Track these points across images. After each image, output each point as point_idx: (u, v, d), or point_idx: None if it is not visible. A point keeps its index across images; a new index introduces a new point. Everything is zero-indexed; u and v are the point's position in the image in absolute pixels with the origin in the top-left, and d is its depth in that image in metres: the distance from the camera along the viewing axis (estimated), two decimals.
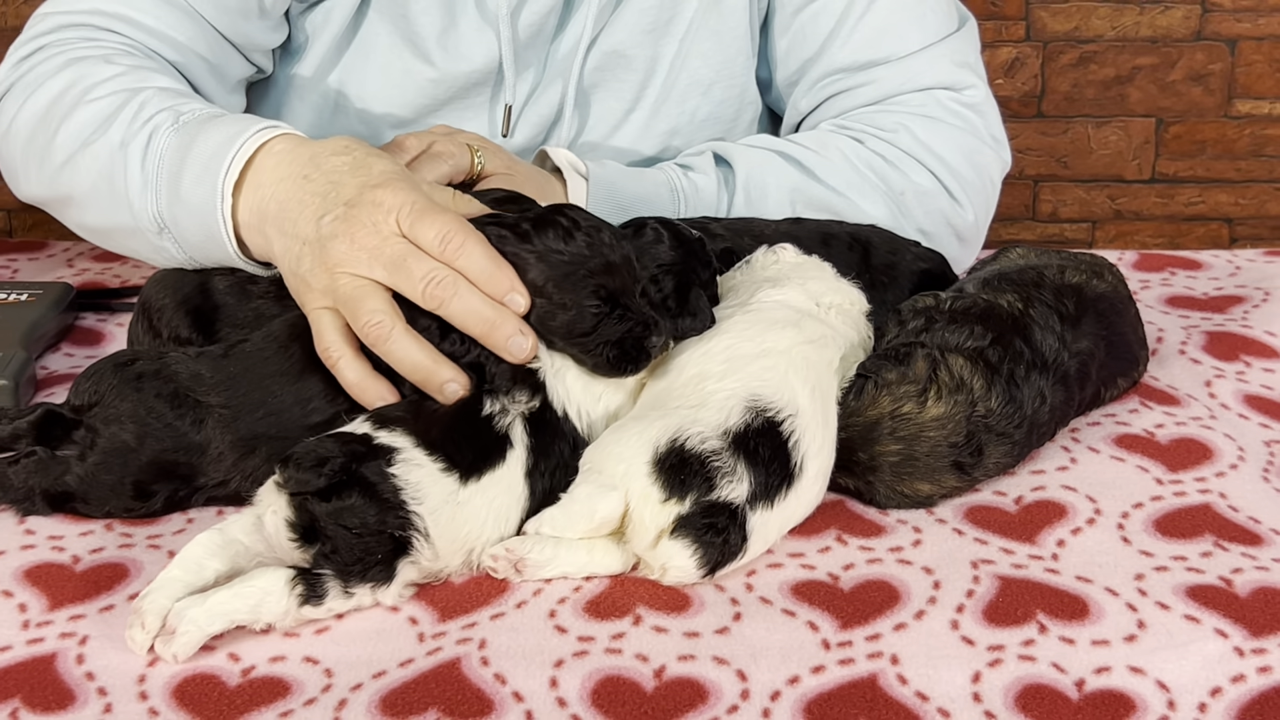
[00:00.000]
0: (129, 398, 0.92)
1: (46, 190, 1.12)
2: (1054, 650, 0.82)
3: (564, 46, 1.25)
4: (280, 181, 0.98)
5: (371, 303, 0.91)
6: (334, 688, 0.79)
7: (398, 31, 1.22)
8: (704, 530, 0.85)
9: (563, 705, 0.78)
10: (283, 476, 0.83)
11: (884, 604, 0.86)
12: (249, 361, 0.94)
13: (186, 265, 1.06)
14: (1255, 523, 0.94)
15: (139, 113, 1.06)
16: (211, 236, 1.02)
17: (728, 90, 1.28)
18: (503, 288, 0.91)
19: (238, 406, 0.92)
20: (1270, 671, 0.81)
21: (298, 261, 0.95)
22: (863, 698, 0.79)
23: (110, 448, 0.91)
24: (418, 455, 0.85)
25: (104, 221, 1.09)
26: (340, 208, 0.94)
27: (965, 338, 0.96)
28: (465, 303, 0.91)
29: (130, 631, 0.81)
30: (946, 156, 1.23)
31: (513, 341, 0.91)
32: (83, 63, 1.11)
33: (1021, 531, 0.93)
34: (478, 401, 0.89)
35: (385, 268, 0.92)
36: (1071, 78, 2.14)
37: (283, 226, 0.97)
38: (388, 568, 0.84)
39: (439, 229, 0.92)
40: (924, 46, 1.24)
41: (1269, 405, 1.08)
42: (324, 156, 0.98)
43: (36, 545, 0.91)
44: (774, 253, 1.03)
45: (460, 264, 0.91)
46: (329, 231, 0.93)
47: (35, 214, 2.16)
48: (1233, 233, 2.23)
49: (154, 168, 1.04)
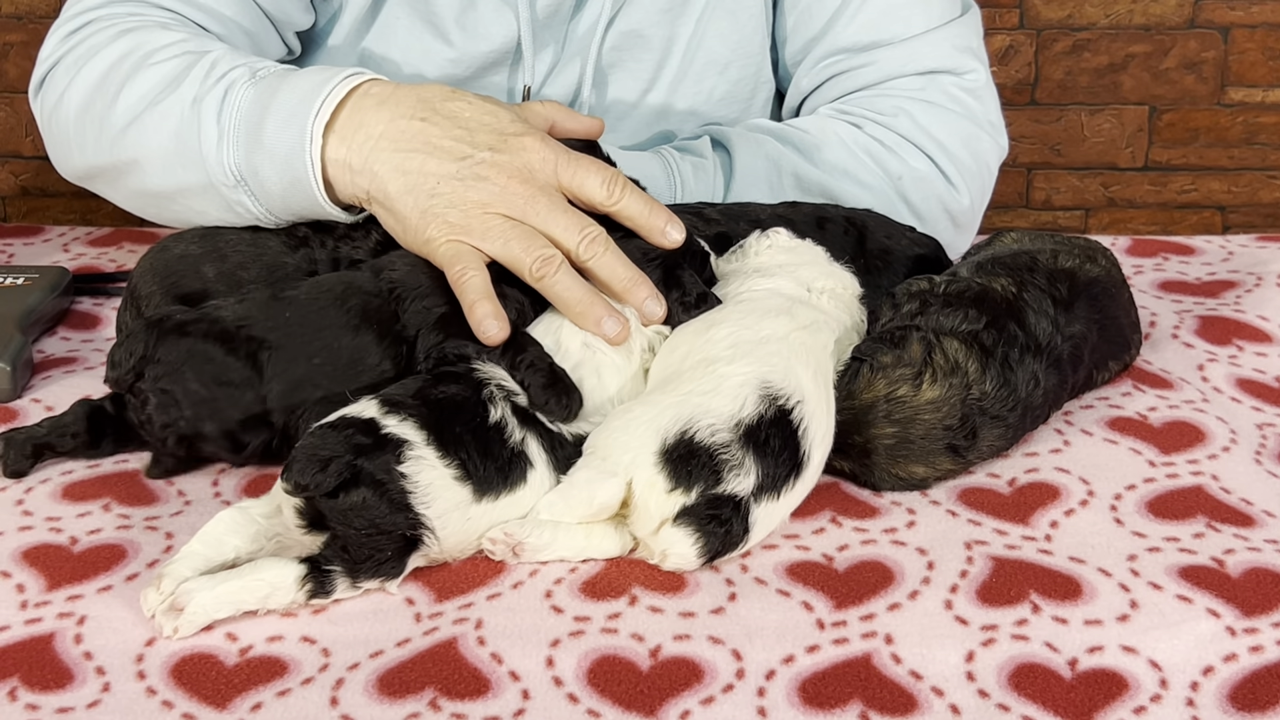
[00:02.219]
0: (176, 345, 0.92)
1: (106, 157, 1.12)
2: (1047, 630, 0.83)
3: (582, 26, 1.25)
4: (393, 120, 1.01)
5: (538, 240, 0.96)
6: (331, 667, 0.79)
7: (417, 13, 1.24)
8: (707, 520, 0.85)
9: (559, 684, 0.78)
10: (287, 481, 0.83)
11: (878, 584, 0.86)
12: (304, 310, 0.94)
13: (261, 220, 1.06)
14: (1247, 504, 0.94)
15: (211, 70, 1.07)
16: (296, 181, 1.02)
17: (744, 69, 1.29)
18: (660, 222, 0.99)
19: (293, 349, 0.92)
20: (1262, 651, 0.81)
21: (429, 197, 0.97)
22: (857, 677, 0.79)
23: (188, 399, 0.91)
24: (429, 454, 0.84)
25: (170, 183, 1.08)
26: (485, 152, 0.99)
27: (960, 321, 0.97)
28: (613, 257, 0.97)
29: (146, 591, 0.82)
30: (944, 141, 1.23)
31: (648, 304, 0.96)
32: (138, 31, 1.13)
33: (1015, 513, 0.93)
34: (483, 407, 0.88)
35: (540, 217, 0.97)
36: (1065, 65, 2.14)
37: (403, 164, 0.99)
38: (398, 563, 0.84)
39: (602, 174, 0.99)
40: (927, 30, 1.25)
41: (1261, 389, 1.09)
42: (437, 101, 1.02)
43: (34, 526, 0.91)
44: (767, 237, 1.03)
45: (623, 204, 0.98)
46: (475, 173, 0.97)
47: (31, 199, 2.17)
48: (1225, 220, 2.23)
49: (231, 120, 1.04)
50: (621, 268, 0.97)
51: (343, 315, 0.94)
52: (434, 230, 0.97)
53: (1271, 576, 0.87)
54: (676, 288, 0.98)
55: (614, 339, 0.95)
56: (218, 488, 0.95)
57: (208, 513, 0.91)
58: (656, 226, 0.99)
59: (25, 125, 2.11)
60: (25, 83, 2.07)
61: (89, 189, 1.18)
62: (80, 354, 1.13)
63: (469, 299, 0.94)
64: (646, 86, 1.28)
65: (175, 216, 1.11)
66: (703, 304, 0.98)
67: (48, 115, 1.17)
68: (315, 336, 0.93)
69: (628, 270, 0.97)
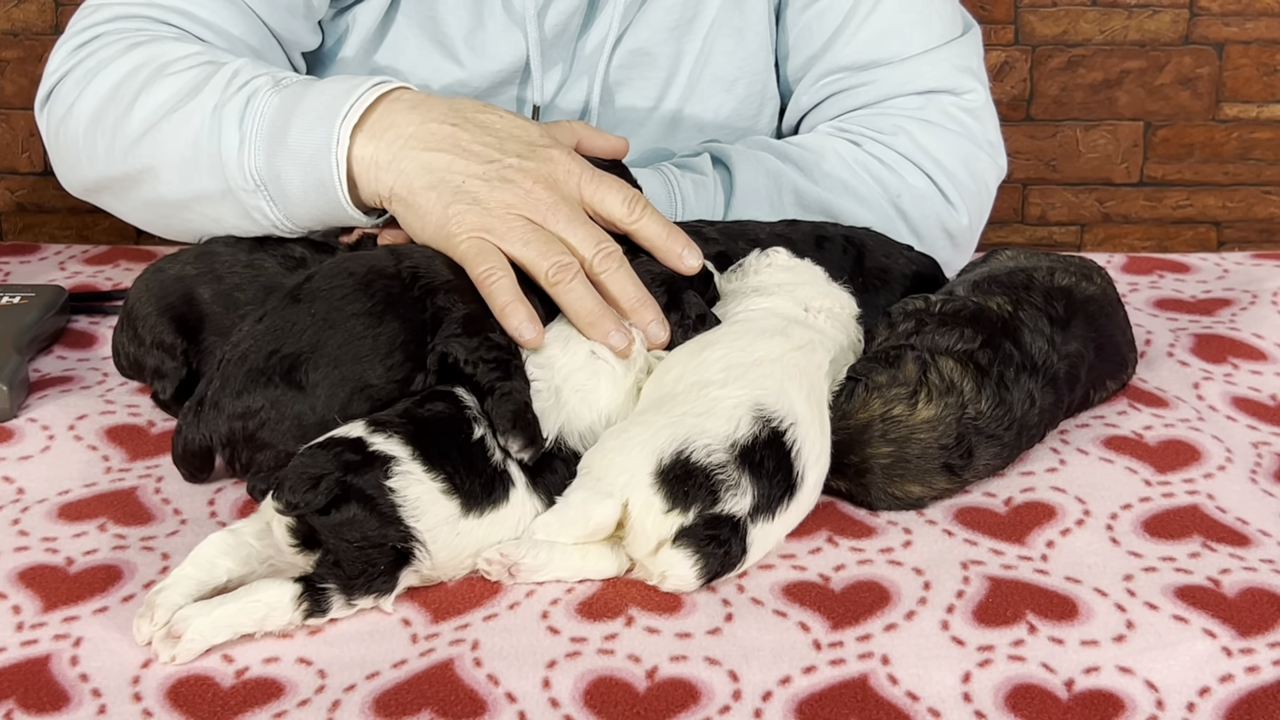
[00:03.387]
0: (245, 387, 0.92)
1: (118, 167, 1.12)
2: (1043, 650, 0.83)
3: (589, 45, 1.26)
4: (424, 123, 1.02)
5: (557, 245, 0.97)
6: (327, 689, 0.79)
7: (425, 33, 1.24)
8: (706, 541, 0.85)
9: (555, 706, 0.78)
10: (279, 502, 0.83)
11: (875, 604, 0.86)
12: (326, 303, 0.94)
13: (277, 226, 1.07)
14: (1243, 524, 0.94)
15: (233, 79, 1.07)
16: (320, 183, 1.03)
17: (750, 86, 1.29)
18: (678, 246, 1.00)
19: (328, 353, 0.92)
20: (1258, 671, 0.81)
21: (454, 193, 0.98)
22: (854, 698, 0.79)
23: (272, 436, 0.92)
24: (415, 469, 0.85)
25: (185, 190, 1.09)
26: (513, 158, 1.00)
27: (955, 340, 0.97)
28: (625, 275, 0.98)
29: (138, 621, 0.81)
30: (943, 160, 1.23)
31: (652, 327, 0.97)
32: (152, 44, 1.13)
33: (1011, 532, 0.93)
34: (468, 425, 0.88)
35: (562, 224, 0.98)
36: (1060, 81, 2.15)
37: (431, 163, 1.00)
38: (390, 578, 0.84)
39: (624, 192, 1.00)
40: (927, 49, 1.25)
41: (1256, 407, 1.09)
42: (469, 110, 1.03)
43: (30, 547, 0.91)
44: (766, 256, 1.04)
45: (642, 224, 1.00)
46: (502, 175, 0.99)
47: (27, 216, 2.17)
48: (1220, 236, 2.23)
49: (254, 125, 1.05)
50: (632, 287, 0.98)
51: (367, 302, 0.94)
52: (456, 226, 0.98)
53: (1267, 596, 0.87)
54: (676, 309, 0.98)
55: (620, 352, 0.95)
56: (214, 507, 0.95)
57: (203, 532, 0.91)
58: (674, 250, 1.00)
59: (21, 141, 2.10)
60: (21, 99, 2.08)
61: (93, 203, 1.18)
62: (77, 373, 1.13)
63: (500, 301, 0.95)
64: (654, 104, 1.28)
65: (187, 226, 1.12)
66: (701, 325, 0.98)
67: (55, 128, 1.17)
68: (345, 333, 0.93)
69: (638, 291, 0.98)
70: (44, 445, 1.02)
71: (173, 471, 0.98)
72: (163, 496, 0.96)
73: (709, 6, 1.27)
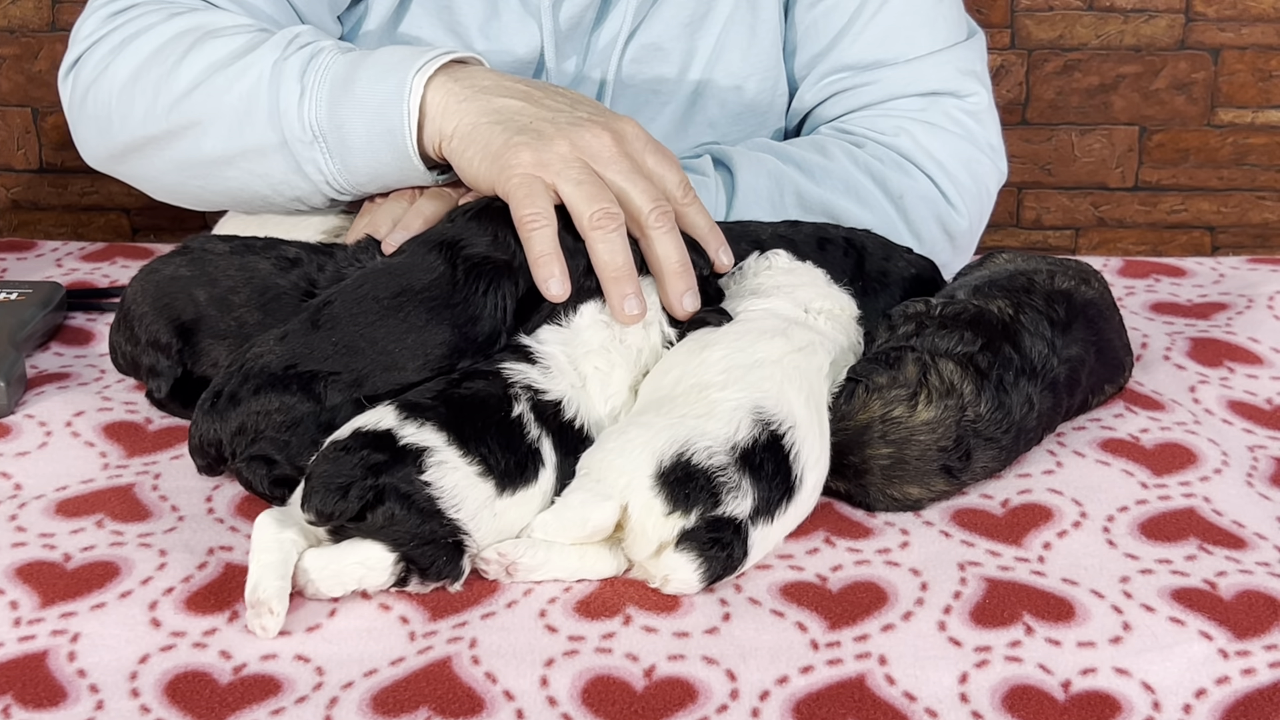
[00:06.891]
0: (250, 404, 0.91)
1: (156, 125, 1.12)
2: (1040, 651, 0.83)
3: (603, 39, 1.27)
4: (500, 80, 1.04)
5: (608, 195, 0.97)
6: (325, 686, 0.79)
7: (440, 23, 1.25)
8: (709, 544, 0.85)
9: (553, 704, 0.78)
10: (309, 512, 0.83)
11: (872, 605, 0.86)
12: (354, 325, 0.94)
13: (327, 182, 1.07)
14: (1239, 526, 0.95)
15: (294, 40, 1.09)
16: (388, 131, 1.03)
17: (762, 83, 1.30)
18: (717, 241, 1.02)
19: (359, 372, 0.92)
20: (1254, 674, 0.81)
21: (519, 130, 0.99)
22: (851, 698, 0.79)
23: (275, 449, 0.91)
24: (451, 456, 0.84)
25: (232, 145, 1.09)
26: (585, 113, 1.01)
27: (955, 343, 0.97)
28: (676, 239, 0.98)
29: (260, 622, 0.81)
30: (944, 162, 1.24)
31: (687, 296, 0.97)
32: (198, 13, 1.14)
33: (1008, 534, 0.93)
34: (507, 402, 0.89)
35: (623, 175, 0.98)
36: (1056, 85, 2.15)
37: (504, 106, 1.01)
38: (455, 565, 0.84)
39: (681, 175, 1.01)
40: (931, 51, 1.25)
41: (1252, 410, 1.09)
42: (540, 84, 1.05)
43: (28, 543, 0.91)
44: (767, 259, 1.04)
45: (692, 210, 1.01)
46: (572, 119, 1.00)
47: (23, 213, 2.17)
48: (1215, 241, 2.24)
49: (317, 78, 1.06)
50: (677, 251, 0.97)
51: (399, 323, 0.93)
52: (513, 158, 0.98)
53: (1263, 599, 0.87)
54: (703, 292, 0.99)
55: (627, 319, 0.95)
56: (211, 503, 0.95)
57: (201, 529, 0.92)
58: (712, 245, 1.02)
59: (17, 138, 2.10)
60: (17, 96, 2.09)
61: (110, 173, 1.18)
62: (74, 369, 1.13)
63: (537, 250, 0.95)
64: (666, 100, 1.29)
65: (224, 185, 1.12)
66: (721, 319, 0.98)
67: (82, 91, 1.16)
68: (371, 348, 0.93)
69: (681, 256, 0.98)
70: (41, 441, 1.02)
71: (170, 468, 0.98)
72: (160, 493, 0.96)
73: (722, 3, 1.27)
